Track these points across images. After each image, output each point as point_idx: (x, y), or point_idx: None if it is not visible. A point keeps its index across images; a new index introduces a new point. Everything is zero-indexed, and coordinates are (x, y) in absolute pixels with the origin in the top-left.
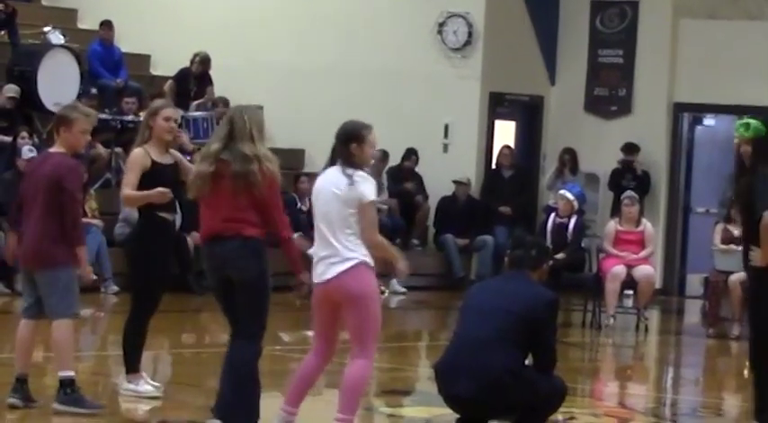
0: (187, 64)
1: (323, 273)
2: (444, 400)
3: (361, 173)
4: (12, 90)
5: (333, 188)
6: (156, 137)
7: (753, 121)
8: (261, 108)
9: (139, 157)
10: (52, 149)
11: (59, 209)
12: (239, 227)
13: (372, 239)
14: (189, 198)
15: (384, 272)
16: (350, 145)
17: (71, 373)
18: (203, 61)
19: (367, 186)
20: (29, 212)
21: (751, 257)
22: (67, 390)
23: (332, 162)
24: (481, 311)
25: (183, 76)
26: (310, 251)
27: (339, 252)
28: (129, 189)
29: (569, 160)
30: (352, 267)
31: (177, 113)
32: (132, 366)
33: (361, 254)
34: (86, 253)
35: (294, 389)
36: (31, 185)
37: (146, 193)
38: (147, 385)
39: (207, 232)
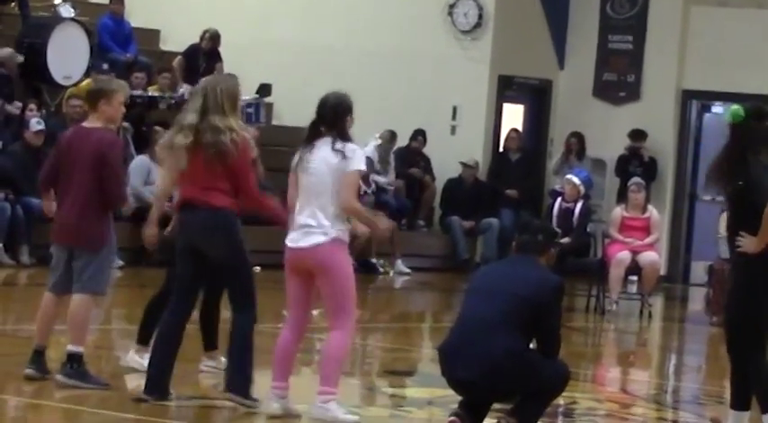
0: (197, 40)
1: (299, 240)
2: (447, 382)
3: (351, 146)
4: (6, 53)
5: (327, 163)
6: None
7: (734, 107)
8: (234, 77)
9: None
10: (87, 124)
11: (101, 185)
12: (210, 196)
13: (350, 204)
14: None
15: (388, 251)
16: (345, 118)
17: (81, 349)
18: (213, 38)
19: (357, 156)
20: (67, 188)
21: (741, 243)
22: (74, 364)
23: (323, 134)
24: (486, 294)
25: (192, 53)
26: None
27: (320, 224)
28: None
29: (576, 144)
30: (328, 241)
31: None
32: (212, 344)
33: (338, 229)
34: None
35: (278, 366)
36: (71, 161)
37: (368, 215)
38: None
39: (180, 201)
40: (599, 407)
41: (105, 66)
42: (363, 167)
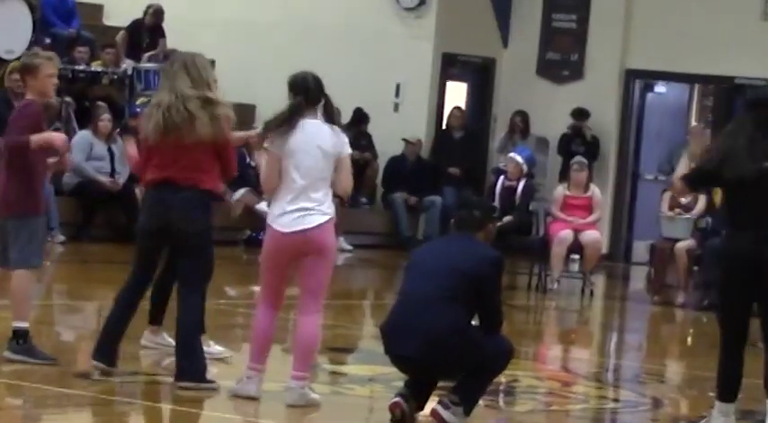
0: (140, 15)
1: (295, 223)
2: (391, 360)
3: (336, 127)
4: None
5: (322, 145)
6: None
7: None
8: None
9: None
10: (26, 98)
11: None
12: (197, 178)
13: (349, 189)
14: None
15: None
16: (325, 95)
17: (25, 325)
18: (156, 13)
19: (346, 140)
20: None
21: None
22: (20, 340)
23: (307, 113)
24: (426, 271)
25: (135, 28)
26: (261, 205)
27: (319, 205)
28: None
29: (521, 122)
30: (326, 222)
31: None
32: (159, 319)
33: (332, 210)
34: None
35: (257, 346)
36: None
37: None
38: (217, 346)
39: (159, 177)
40: (540, 385)
41: (48, 40)
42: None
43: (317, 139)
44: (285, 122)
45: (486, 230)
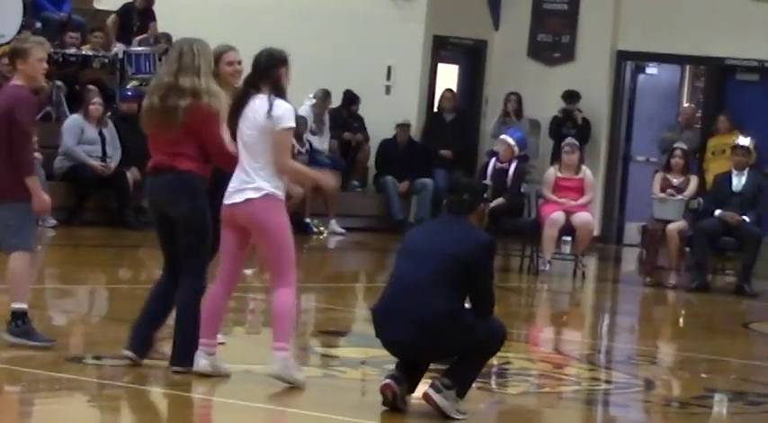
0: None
1: (231, 196)
2: (381, 343)
3: (279, 101)
4: None
5: (256, 119)
6: (225, 82)
7: None
8: (170, 37)
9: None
10: (11, 82)
11: (10, 145)
12: (176, 160)
13: (282, 165)
14: (134, 132)
15: (322, 211)
16: (278, 70)
17: (24, 306)
18: None
19: (285, 113)
20: None
21: None
22: (19, 322)
23: (256, 89)
24: (418, 254)
25: (126, 11)
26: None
27: (253, 180)
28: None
29: (515, 103)
30: (261, 197)
31: (239, 55)
32: None
33: (272, 186)
34: (38, 182)
35: (207, 322)
36: None
37: (310, 171)
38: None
39: (149, 165)
40: (532, 367)
41: (38, 24)
42: (292, 125)
43: (255, 114)
44: (238, 98)
45: (477, 212)
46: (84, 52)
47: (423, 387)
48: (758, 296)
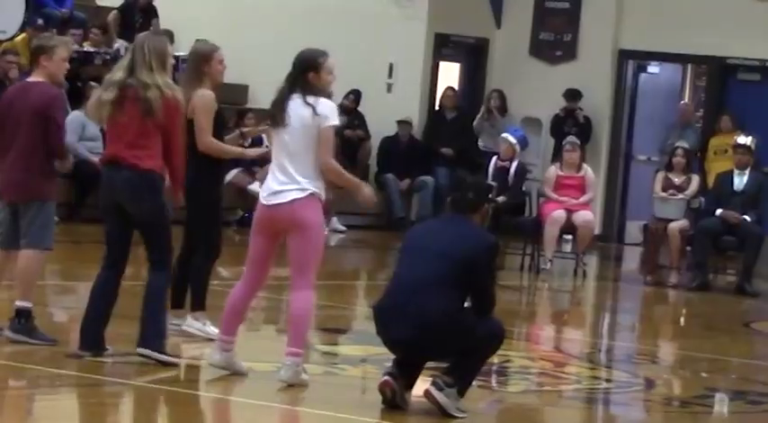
0: None
1: (273, 198)
2: (382, 341)
3: (323, 99)
4: None
5: (298, 119)
6: (213, 81)
7: None
8: (163, 35)
9: (212, 100)
10: (31, 79)
11: (45, 139)
12: (139, 156)
13: (327, 163)
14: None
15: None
16: (307, 74)
17: (29, 305)
18: None
19: (329, 111)
20: (10, 145)
21: None
22: (22, 319)
23: (290, 91)
24: (420, 253)
25: (127, 8)
26: (253, 186)
27: (296, 180)
28: (210, 135)
29: (498, 98)
30: (305, 197)
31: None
32: (201, 304)
33: (315, 186)
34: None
35: (226, 318)
36: (13, 117)
37: (353, 178)
38: (212, 327)
39: (107, 156)
40: (533, 365)
41: (40, 21)
42: (336, 122)
43: (296, 113)
44: (274, 101)
45: (481, 212)
46: (85, 49)
47: (421, 384)
48: (759, 295)
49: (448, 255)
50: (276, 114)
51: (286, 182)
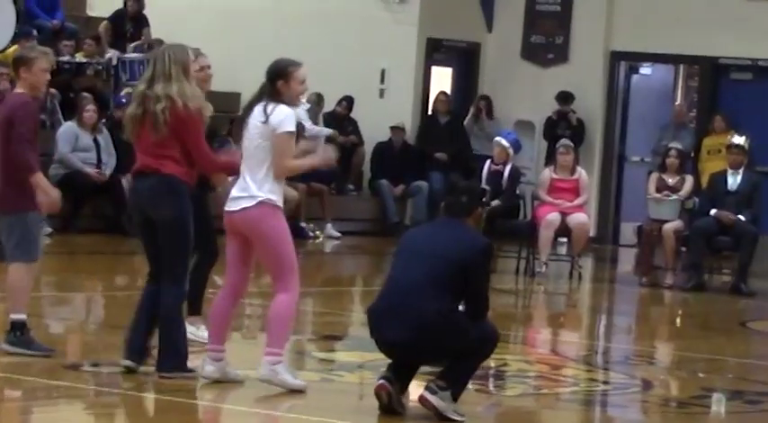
0: (123, 5)
1: (230, 204)
2: (376, 343)
3: (280, 107)
4: None
5: (253, 127)
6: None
7: None
8: (183, 45)
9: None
10: (15, 91)
11: (9, 148)
12: (160, 163)
13: (281, 168)
14: (123, 139)
15: (318, 215)
16: (276, 82)
17: (23, 316)
18: (137, 1)
19: (282, 118)
20: None
21: None
22: (17, 332)
23: (258, 99)
24: (415, 256)
25: (118, 18)
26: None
27: (248, 188)
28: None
29: (485, 106)
30: (254, 205)
31: (208, 60)
32: (196, 310)
33: (268, 192)
34: (44, 178)
35: (214, 328)
36: None
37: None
38: (206, 332)
39: (134, 168)
40: (529, 369)
41: (34, 32)
42: (290, 129)
43: (254, 121)
44: (243, 108)
45: (475, 215)
46: (77, 59)
47: (415, 390)
48: (755, 295)
49: (443, 257)
50: (240, 122)
51: (241, 189)
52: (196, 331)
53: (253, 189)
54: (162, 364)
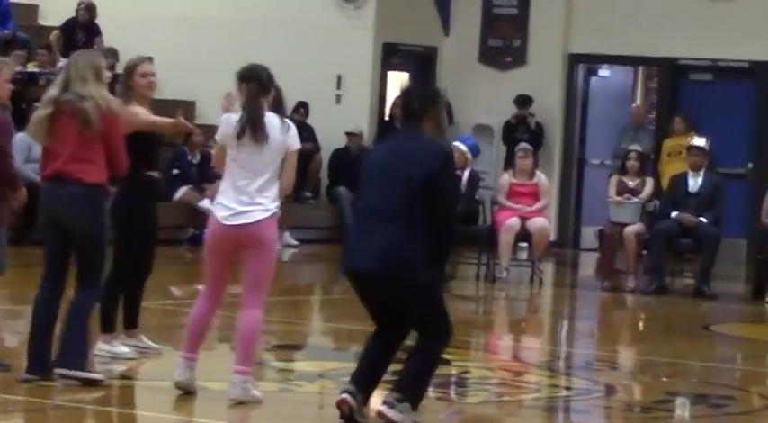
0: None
1: (236, 217)
2: (346, 276)
3: (288, 121)
4: None
5: (276, 139)
6: (139, 94)
7: None
8: (113, 52)
9: (129, 117)
10: None
11: None
12: (84, 170)
13: (291, 187)
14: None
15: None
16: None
17: None
18: (88, 8)
19: (296, 135)
20: None
21: None
22: None
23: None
24: (380, 181)
25: (69, 26)
26: (204, 203)
27: (258, 201)
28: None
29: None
30: (270, 217)
31: (153, 67)
32: (110, 326)
33: (276, 205)
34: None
35: (190, 335)
36: None
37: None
38: (122, 347)
39: (49, 173)
40: (491, 375)
41: None
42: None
43: (273, 133)
44: (244, 116)
45: (430, 118)
46: (29, 70)
47: (377, 398)
48: (717, 298)
49: (405, 178)
50: (246, 131)
51: (248, 203)
52: (112, 348)
53: (265, 201)
54: (63, 361)
